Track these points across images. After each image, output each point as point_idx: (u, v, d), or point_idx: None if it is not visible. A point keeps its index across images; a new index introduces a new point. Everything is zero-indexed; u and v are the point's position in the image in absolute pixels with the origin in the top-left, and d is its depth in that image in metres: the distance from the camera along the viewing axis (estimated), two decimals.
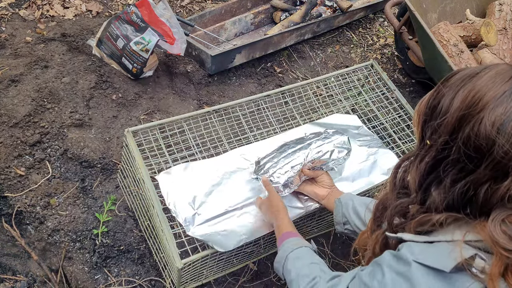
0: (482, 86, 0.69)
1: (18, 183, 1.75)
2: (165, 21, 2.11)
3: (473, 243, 0.68)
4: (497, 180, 0.67)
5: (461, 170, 0.70)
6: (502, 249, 0.64)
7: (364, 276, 0.80)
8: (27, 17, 2.41)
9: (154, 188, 1.39)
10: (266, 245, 1.58)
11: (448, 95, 0.72)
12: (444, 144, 0.71)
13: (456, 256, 0.67)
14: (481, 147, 0.67)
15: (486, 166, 0.67)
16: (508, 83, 0.68)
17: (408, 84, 2.73)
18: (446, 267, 0.67)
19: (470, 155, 0.68)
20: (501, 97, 0.67)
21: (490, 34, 2.19)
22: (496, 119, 0.66)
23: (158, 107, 2.18)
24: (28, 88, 2.03)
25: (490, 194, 0.67)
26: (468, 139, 0.68)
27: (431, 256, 0.70)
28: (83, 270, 1.62)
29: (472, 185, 0.69)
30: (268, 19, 2.94)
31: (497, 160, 0.66)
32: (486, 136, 0.66)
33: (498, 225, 0.65)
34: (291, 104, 1.85)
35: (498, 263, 0.65)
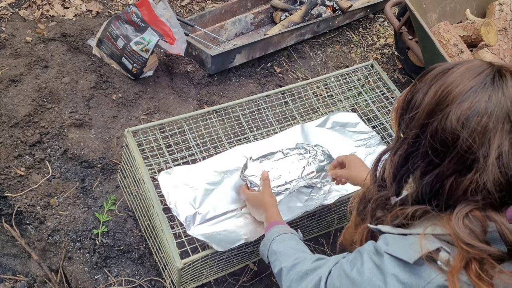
0: (451, 81, 0.71)
1: (18, 183, 1.75)
2: (165, 21, 2.11)
3: (441, 237, 0.70)
4: (461, 173, 0.69)
5: (429, 163, 0.72)
6: (462, 243, 0.66)
7: (345, 263, 0.82)
8: (27, 17, 2.41)
9: (154, 188, 1.39)
10: None
11: (422, 90, 0.74)
12: (415, 137, 0.74)
13: (418, 249, 0.69)
14: (447, 141, 0.69)
15: (450, 159, 0.69)
16: (476, 78, 0.70)
17: (408, 84, 2.73)
18: (410, 258, 0.69)
19: (437, 149, 0.70)
20: (468, 92, 0.68)
21: (490, 34, 2.19)
22: (461, 114, 0.68)
23: (158, 107, 2.18)
24: (28, 88, 2.03)
25: (454, 187, 0.69)
26: (436, 132, 0.70)
27: (400, 248, 0.73)
28: (83, 270, 1.62)
29: (438, 178, 0.71)
30: (268, 19, 2.94)
31: (461, 154, 0.68)
32: (451, 130, 0.68)
33: (461, 219, 0.67)
34: (291, 104, 1.85)
35: (459, 256, 0.67)
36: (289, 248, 1.11)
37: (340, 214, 1.73)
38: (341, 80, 1.93)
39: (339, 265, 0.84)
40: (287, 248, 1.11)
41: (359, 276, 0.76)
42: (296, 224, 1.59)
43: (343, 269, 0.81)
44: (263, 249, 1.19)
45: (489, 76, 0.70)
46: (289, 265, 1.04)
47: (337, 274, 0.83)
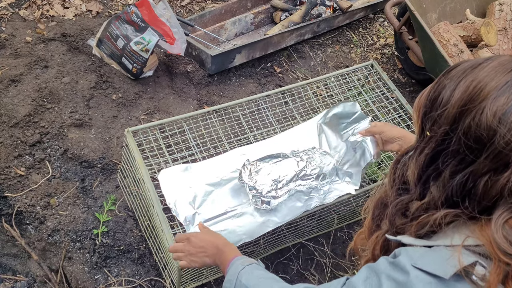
0: (484, 76, 0.68)
1: (18, 183, 1.75)
2: (165, 21, 2.11)
3: (473, 248, 0.67)
4: (497, 171, 0.65)
5: (461, 161, 0.68)
6: (502, 253, 0.62)
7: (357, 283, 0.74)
8: (27, 17, 2.41)
9: (154, 188, 1.39)
10: (266, 245, 1.58)
11: (449, 87, 0.71)
12: (444, 135, 0.70)
13: (455, 263, 0.65)
14: (482, 137, 0.65)
15: (486, 156, 0.65)
16: (510, 73, 0.67)
17: (408, 84, 2.73)
18: (446, 274, 0.65)
19: (471, 146, 0.66)
20: (503, 87, 0.66)
21: (490, 34, 2.19)
22: (498, 109, 0.64)
23: (158, 107, 2.18)
24: (28, 88, 2.03)
25: (489, 185, 0.65)
26: (469, 129, 0.66)
27: (430, 262, 0.68)
28: (83, 270, 1.62)
29: (471, 176, 0.67)
30: (268, 19, 2.94)
31: (498, 151, 0.64)
32: (487, 126, 0.65)
33: (500, 229, 0.64)
34: (291, 104, 1.85)
35: (497, 270, 0.63)
36: (261, 279, 1.00)
37: (340, 214, 1.73)
38: (341, 80, 1.93)
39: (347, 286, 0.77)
40: (260, 279, 1.00)
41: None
42: (296, 224, 1.60)
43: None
44: (227, 286, 1.04)
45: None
46: None
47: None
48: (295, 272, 1.76)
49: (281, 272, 1.74)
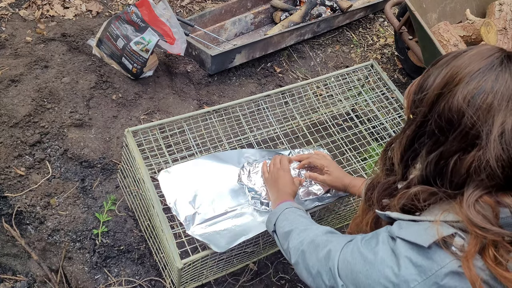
0: (461, 63, 0.73)
1: (18, 183, 1.75)
2: (165, 21, 2.11)
3: (454, 223, 0.71)
4: (465, 151, 0.70)
5: (436, 142, 0.74)
6: (477, 228, 0.67)
7: (360, 240, 0.84)
8: (27, 17, 2.41)
9: (154, 188, 1.39)
10: (266, 245, 1.58)
11: (434, 74, 0.76)
12: (423, 117, 0.76)
13: (434, 233, 0.71)
14: (452, 119, 0.70)
15: (455, 137, 0.70)
16: (484, 60, 0.72)
17: (408, 84, 2.73)
18: (425, 242, 0.71)
19: (443, 127, 0.72)
20: (476, 72, 0.71)
21: (490, 34, 2.19)
22: (468, 93, 0.69)
23: (158, 107, 2.18)
24: (28, 88, 2.03)
25: (458, 165, 0.70)
26: (443, 111, 0.72)
27: (413, 233, 0.74)
28: (83, 270, 1.62)
29: (442, 155, 0.73)
30: (268, 19, 2.94)
31: (465, 131, 0.69)
32: (457, 108, 0.70)
33: (472, 205, 0.68)
34: (291, 104, 1.85)
35: (473, 241, 0.67)
36: (300, 217, 1.12)
37: (341, 214, 1.73)
38: (341, 80, 1.92)
39: (354, 241, 0.86)
40: (299, 217, 1.12)
41: (372, 254, 0.78)
42: None
43: (357, 246, 0.82)
44: (271, 217, 1.19)
45: (498, 59, 0.72)
46: (301, 228, 1.05)
47: (350, 249, 0.84)
48: (295, 272, 1.76)
49: (281, 272, 1.74)
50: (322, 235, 0.98)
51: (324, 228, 1.02)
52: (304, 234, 1.02)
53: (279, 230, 1.13)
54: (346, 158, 1.83)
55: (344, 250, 0.86)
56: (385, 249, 0.77)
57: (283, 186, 1.31)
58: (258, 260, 1.72)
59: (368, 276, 0.77)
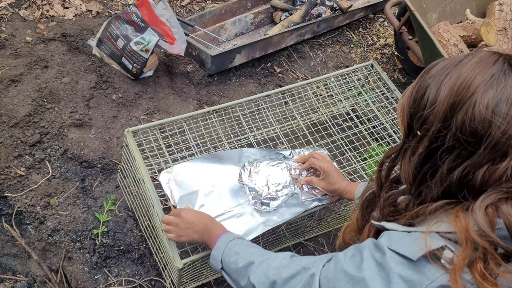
0: (468, 72, 0.70)
1: (18, 183, 1.75)
2: (165, 21, 2.11)
3: (445, 235, 0.70)
4: (495, 161, 0.68)
5: (458, 156, 0.70)
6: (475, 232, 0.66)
7: (342, 258, 0.80)
8: (27, 17, 2.41)
9: (154, 188, 1.39)
10: (266, 245, 1.58)
11: (433, 85, 0.73)
12: (437, 133, 0.72)
13: (422, 246, 0.69)
14: (478, 130, 0.67)
15: (485, 147, 0.67)
16: (494, 66, 0.70)
17: (408, 84, 2.73)
18: (414, 255, 0.69)
19: (467, 140, 0.68)
20: (490, 79, 0.68)
21: (490, 34, 2.19)
22: (489, 101, 0.67)
23: (158, 107, 2.18)
24: (28, 88, 2.03)
25: (487, 175, 0.68)
26: (463, 124, 0.68)
27: (403, 245, 0.72)
28: (83, 270, 1.62)
29: (470, 169, 0.69)
30: (268, 19, 2.94)
31: (496, 141, 0.67)
32: (481, 118, 0.67)
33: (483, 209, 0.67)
34: (291, 104, 1.85)
35: (463, 254, 0.66)
36: (250, 247, 1.06)
37: (341, 214, 1.73)
38: (341, 80, 1.93)
39: (334, 259, 0.82)
40: (248, 247, 1.06)
41: (358, 272, 0.75)
42: (296, 224, 1.60)
43: (340, 265, 0.79)
44: (215, 254, 1.10)
45: (506, 64, 0.70)
46: (261, 259, 0.99)
47: (332, 269, 0.80)
48: None
49: None
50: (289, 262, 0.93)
51: (284, 254, 0.97)
52: (265, 264, 0.97)
53: (229, 266, 1.06)
54: (346, 158, 1.83)
55: (324, 271, 0.82)
56: (372, 266, 0.74)
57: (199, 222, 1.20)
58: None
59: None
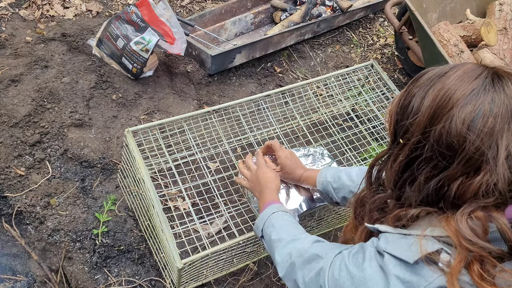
0: (451, 85, 0.71)
1: (18, 183, 1.75)
2: (165, 21, 2.11)
3: (440, 238, 0.71)
4: (469, 175, 0.69)
5: (434, 167, 0.72)
6: (464, 240, 0.66)
7: (347, 256, 0.83)
8: (27, 17, 2.41)
9: (154, 188, 1.39)
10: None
11: (419, 95, 0.74)
12: (416, 143, 0.74)
13: (417, 250, 0.70)
14: (453, 144, 0.69)
15: (458, 162, 0.69)
16: (475, 81, 0.70)
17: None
18: (410, 259, 0.70)
19: (443, 152, 0.70)
20: (469, 95, 0.69)
21: (490, 34, 2.19)
22: (466, 117, 0.68)
23: (158, 107, 2.18)
24: (28, 88, 2.03)
25: (462, 189, 0.69)
26: (440, 137, 0.70)
27: (399, 248, 0.73)
28: (83, 270, 1.62)
29: (445, 181, 0.71)
30: (268, 19, 2.94)
31: (469, 156, 0.68)
32: (457, 133, 0.68)
33: (464, 219, 0.68)
34: (291, 104, 1.85)
35: (459, 257, 0.67)
36: (288, 222, 1.11)
37: (341, 214, 1.73)
38: (341, 80, 1.92)
39: (341, 256, 0.85)
40: (286, 222, 1.11)
41: (359, 272, 0.77)
42: None
43: (344, 262, 0.82)
44: (258, 222, 1.18)
45: (488, 78, 0.70)
46: (289, 239, 1.04)
47: (338, 266, 0.83)
48: None
49: None
50: (310, 246, 0.97)
51: (311, 239, 1.01)
52: (291, 246, 1.01)
53: (266, 236, 1.12)
54: (346, 158, 1.83)
55: (332, 266, 0.85)
56: (373, 265, 0.76)
57: (265, 182, 1.30)
58: (258, 260, 1.72)
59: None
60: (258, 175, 1.33)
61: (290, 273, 0.97)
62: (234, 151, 1.84)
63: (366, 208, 0.89)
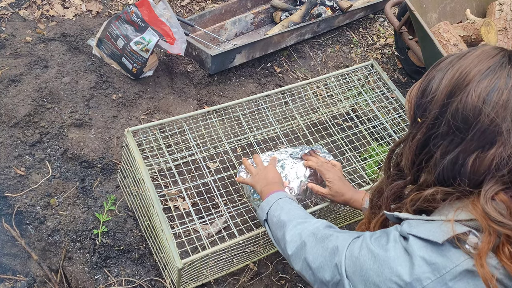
0: (469, 63, 0.74)
1: (18, 183, 1.75)
2: (165, 21, 2.11)
3: (466, 223, 0.71)
4: (484, 149, 0.70)
5: (451, 142, 0.74)
6: (493, 222, 0.67)
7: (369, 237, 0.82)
8: (27, 17, 2.41)
9: (154, 188, 1.39)
10: (266, 245, 1.58)
11: (438, 76, 0.77)
12: (434, 119, 0.76)
13: (448, 230, 0.70)
14: (469, 117, 0.71)
15: (473, 134, 0.71)
16: (492, 59, 0.73)
17: (408, 84, 2.73)
18: (439, 239, 0.70)
19: (459, 126, 0.72)
20: (486, 71, 0.72)
21: (490, 34, 2.19)
22: (481, 91, 0.70)
23: (158, 107, 2.18)
24: (28, 88, 2.03)
25: (478, 163, 0.71)
26: (456, 111, 0.72)
27: (425, 230, 0.73)
28: (83, 270, 1.62)
29: (461, 155, 0.72)
30: (268, 19, 2.94)
31: (484, 128, 0.70)
32: (472, 106, 0.70)
33: (489, 201, 0.69)
34: (291, 104, 1.85)
35: (487, 239, 0.67)
36: (296, 207, 1.12)
37: (341, 214, 1.73)
38: (341, 80, 1.92)
39: (362, 238, 0.85)
40: (294, 208, 1.12)
41: (383, 252, 0.77)
42: None
43: (366, 243, 0.81)
44: (264, 205, 1.18)
45: (504, 58, 0.73)
46: (300, 220, 1.04)
47: (358, 246, 0.83)
48: (295, 272, 1.76)
49: (281, 272, 1.74)
50: (323, 228, 0.97)
51: (323, 222, 1.02)
52: (302, 226, 1.02)
53: (272, 219, 1.12)
54: (346, 158, 1.83)
55: (351, 246, 0.85)
56: (397, 247, 0.76)
57: (272, 178, 1.31)
58: (258, 260, 1.72)
59: (379, 273, 0.75)
60: (268, 172, 1.34)
61: (300, 252, 0.97)
62: (234, 151, 1.84)
63: (383, 196, 0.89)
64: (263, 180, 1.32)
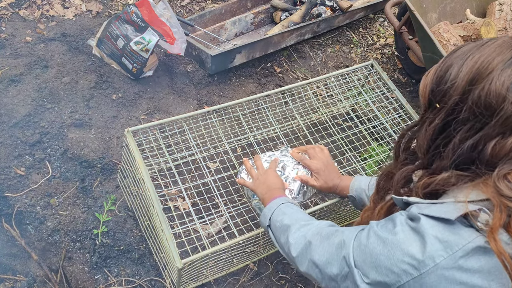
0: (490, 53, 0.75)
1: (18, 183, 1.75)
2: (165, 21, 2.11)
3: (476, 203, 0.73)
4: (504, 135, 0.72)
5: (471, 128, 0.75)
6: (505, 198, 0.69)
7: (375, 225, 0.83)
8: (27, 17, 2.41)
9: (154, 188, 1.39)
10: (266, 245, 1.58)
11: (457, 63, 0.78)
12: (454, 105, 0.77)
13: (460, 207, 0.72)
14: (492, 104, 0.72)
15: (496, 121, 0.72)
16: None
17: (408, 84, 2.73)
18: (452, 216, 0.72)
19: (481, 113, 0.73)
20: (509, 60, 0.74)
21: (490, 34, 2.19)
22: (506, 79, 0.72)
23: (158, 107, 2.18)
24: (28, 88, 2.03)
25: (497, 149, 0.72)
26: (479, 98, 0.73)
27: (437, 209, 0.75)
28: (83, 270, 1.62)
29: (481, 141, 0.74)
30: (268, 19, 2.94)
31: (507, 115, 0.71)
32: (496, 93, 0.72)
33: (502, 178, 0.71)
34: (291, 104, 1.85)
35: (498, 215, 0.69)
36: (298, 211, 1.13)
37: (341, 214, 1.73)
38: (341, 80, 1.92)
39: (368, 227, 0.85)
40: (296, 212, 1.13)
41: (392, 235, 0.78)
42: None
43: (373, 230, 0.82)
44: (266, 212, 1.19)
45: None
46: (303, 222, 1.05)
47: (365, 235, 0.84)
48: (295, 272, 1.76)
49: (281, 272, 1.74)
50: (327, 227, 0.99)
51: (326, 222, 1.03)
52: (306, 228, 1.03)
53: (275, 224, 1.13)
54: (346, 158, 1.84)
55: (358, 237, 0.85)
56: (405, 229, 0.77)
57: (273, 183, 1.32)
58: (258, 260, 1.72)
59: (390, 257, 0.76)
60: (268, 176, 1.35)
61: (305, 253, 0.98)
62: (234, 151, 1.84)
63: (393, 180, 0.90)
64: (264, 185, 1.32)
